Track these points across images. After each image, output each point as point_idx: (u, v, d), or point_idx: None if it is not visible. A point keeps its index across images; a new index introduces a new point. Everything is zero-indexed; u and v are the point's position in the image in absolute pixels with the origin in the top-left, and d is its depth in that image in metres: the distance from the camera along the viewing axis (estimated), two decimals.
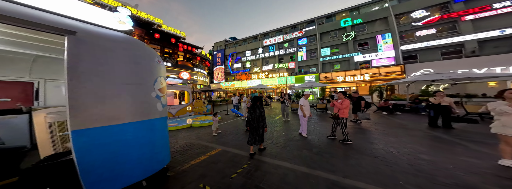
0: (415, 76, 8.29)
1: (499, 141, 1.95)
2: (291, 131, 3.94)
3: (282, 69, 20.30)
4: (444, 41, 10.53)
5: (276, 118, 5.84)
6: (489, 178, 1.63)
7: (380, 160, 2.16)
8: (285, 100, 5.24)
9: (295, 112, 7.20)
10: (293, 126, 4.53)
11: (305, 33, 19.70)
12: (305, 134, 3.36)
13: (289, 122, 4.97)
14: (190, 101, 7.20)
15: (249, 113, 2.49)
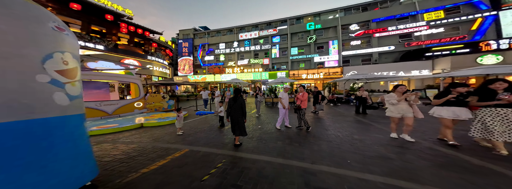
0: (347, 76, 13.83)
1: (390, 122, 3.08)
2: (265, 124, 4.37)
3: (257, 64, 23.50)
4: (363, 51, 16.52)
5: (250, 112, 6.38)
6: (388, 147, 2.61)
7: (333, 143, 2.81)
8: (257, 95, 5.63)
9: (269, 105, 8.89)
10: (267, 119, 5.02)
11: (279, 31, 23.02)
12: (288, 124, 3.95)
13: (262, 116, 5.44)
14: (141, 96, 6.47)
15: (229, 104, 2.80)
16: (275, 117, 5.42)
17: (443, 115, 2.58)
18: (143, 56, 16.01)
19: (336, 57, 18.47)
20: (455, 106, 2.52)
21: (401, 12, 16.45)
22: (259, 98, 5.74)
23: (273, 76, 19.74)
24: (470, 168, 1.89)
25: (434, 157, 2.20)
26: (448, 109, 2.56)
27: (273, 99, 9.14)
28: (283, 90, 3.94)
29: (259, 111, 5.86)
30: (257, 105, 5.85)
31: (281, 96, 3.88)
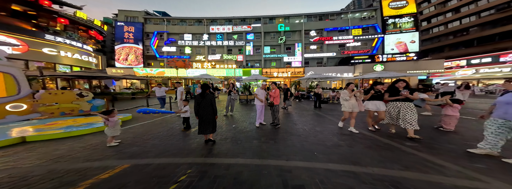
0: (307, 75, 19.65)
1: (343, 115, 3.93)
2: (240, 123, 4.53)
3: (230, 61, 24.12)
4: (318, 54, 23.99)
5: (223, 110, 6.43)
6: (338, 136, 3.43)
7: (301, 137, 3.29)
8: (231, 92, 5.64)
9: (243, 103, 9.46)
10: (242, 117, 5.25)
11: (253, 29, 23.83)
12: (262, 121, 4.27)
13: (236, 114, 5.66)
14: (22, 93, 4.73)
15: (196, 101, 2.81)
16: (250, 114, 5.76)
17: (369, 107, 3.47)
18: (34, 34, 11.81)
19: (300, 58, 23.01)
20: (377, 100, 3.38)
21: (340, 25, 22.14)
22: (233, 96, 5.66)
23: (247, 73, 23.25)
24: (382, 146, 2.79)
25: (364, 141, 3.04)
26: (373, 102, 3.41)
27: (248, 96, 9.83)
28: (260, 87, 4.18)
29: (233, 109, 5.88)
30: (231, 103, 5.75)
31: (257, 92, 4.17)
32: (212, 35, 25.87)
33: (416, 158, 2.25)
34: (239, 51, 26.80)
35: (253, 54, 26.53)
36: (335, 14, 24.49)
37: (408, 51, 20.12)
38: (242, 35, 25.89)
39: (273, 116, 4.08)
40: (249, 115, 5.74)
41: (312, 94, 10.91)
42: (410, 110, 2.88)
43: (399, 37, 20.90)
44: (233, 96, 5.70)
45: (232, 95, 5.69)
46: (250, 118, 5.23)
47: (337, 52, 23.26)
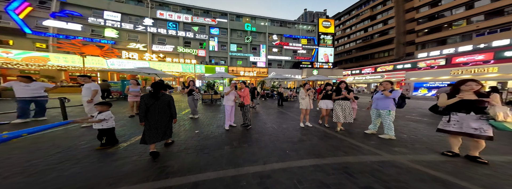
0: (270, 76, 21.05)
1: (301, 113, 4.20)
2: (205, 127, 3.98)
3: (188, 55, 20.52)
4: (278, 57, 26.52)
5: (181, 113, 5.61)
6: (300, 131, 3.69)
7: (273, 136, 3.25)
8: (194, 92, 4.91)
9: (208, 103, 8.62)
10: (207, 120, 4.71)
11: (218, 23, 21.29)
12: (232, 122, 3.97)
13: (200, 118, 4.98)
14: None
15: (145, 104, 2.16)
16: (217, 116, 5.31)
17: (321, 106, 3.87)
18: None
19: (264, 59, 24.68)
20: (327, 99, 3.83)
21: (294, 34, 26.33)
22: (196, 95, 4.93)
23: (211, 70, 20.89)
24: (328, 136, 3.30)
25: (317, 134, 3.48)
26: (324, 101, 3.83)
27: (212, 95, 8.95)
28: (229, 86, 3.81)
29: (196, 112, 5.03)
30: (193, 104, 4.92)
31: (226, 91, 3.77)
32: (160, 22, 19.69)
33: (346, 143, 2.87)
34: (200, 45, 22.27)
35: (218, 50, 23.08)
36: (291, 23, 27.48)
37: (328, 62, 28.32)
38: (204, 28, 21.95)
39: (244, 117, 3.88)
40: (216, 117, 5.15)
41: (275, 93, 12.09)
42: (348, 107, 3.50)
43: (325, 50, 28.07)
44: (196, 95, 4.97)
45: (194, 94, 4.92)
46: (217, 120, 4.66)
47: (291, 57, 26.65)
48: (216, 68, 21.15)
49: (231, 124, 3.95)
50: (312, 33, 27.56)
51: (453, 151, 2.26)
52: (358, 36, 35.14)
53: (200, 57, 21.92)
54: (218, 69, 21.11)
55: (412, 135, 3.42)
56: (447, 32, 21.00)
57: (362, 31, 34.40)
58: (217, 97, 9.13)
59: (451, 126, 2.17)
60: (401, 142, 2.93)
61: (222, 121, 4.63)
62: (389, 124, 3.02)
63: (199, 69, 20.16)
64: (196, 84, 5.29)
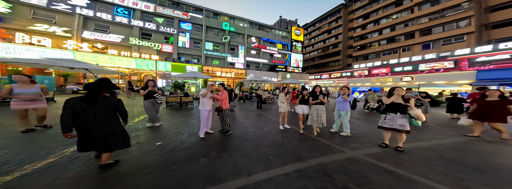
0: (249, 78, 19.56)
1: (280, 116, 4.07)
2: (171, 137, 3.09)
3: (147, 49, 16.70)
4: (256, 59, 25.19)
5: (132, 121, 4.29)
6: (281, 134, 3.49)
7: (255, 142, 2.95)
8: (157, 95, 3.85)
9: (174, 106, 7.16)
10: (173, 128, 3.72)
11: (191, 18, 18.18)
12: (208, 129, 3.41)
13: (162, 126, 3.88)
14: None
15: (74, 110, 1.59)
16: (187, 122, 4.33)
17: (298, 111, 3.66)
18: None
19: (243, 60, 23.36)
20: (304, 104, 3.61)
21: (272, 38, 26.54)
22: (159, 98, 3.88)
23: (179, 69, 17.48)
24: (305, 138, 3.23)
25: (296, 135, 3.40)
26: (300, 106, 3.64)
27: (182, 98, 7.31)
28: (207, 87, 3.21)
29: (158, 119, 3.97)
30: (153, 109, 3.83)
31: (202, 93, 3.16)
32: (102, 4, 14.66)
33: (320, 143, 2.91)
34: (166, 40, 17.83)
35: (189, 47, 19.25)
36: (269, 27, 26.68)
37: (299, 67, 29.59)
38: (173, 21, 17.89)
39: (223, 122, 3.38)
40: (185, 123, 4.20)
41: (254, 95, 11.65)
42: (323, 112, 3.34)
43: (296, 56, 29.24)
44: (159, 98, 3.87)
45: (157, 97, 3.84)
46: (188, 127, 3.78)
47: (268, 60, 25.86)
48: (187, 67, 17.50)
49: (208, 131, 3.37)
50: (286, 39, 27.77)
51: (386, 143, 2.82)
52: (319, 46, 38.78)
53: (165, 53, 17.53)
54: (189, 68, 17.58)
55: (359, 131, 3.86)
56: (368, 50, 26.98)
57: (322, 42, 38.27)
58: (188, 99, 7.47)
59: (386, 123, 2.71)
60: (354, 138, 3.28)
61: (195, 127, 3.81)
62: (346, 123, 3.41)
63: (163, 67, 16.15)
64: (159, 84, 3.85)
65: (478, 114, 3.49)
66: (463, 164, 2.18)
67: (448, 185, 1.70)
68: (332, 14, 35.44)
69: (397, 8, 22.84)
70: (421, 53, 18.05)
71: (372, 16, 27.05)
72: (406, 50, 21.90)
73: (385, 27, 24.47)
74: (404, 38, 22.16)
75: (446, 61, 13.34)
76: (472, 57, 12.25)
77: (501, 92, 3.44)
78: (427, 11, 19.43)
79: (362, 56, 28.21)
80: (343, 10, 32.81)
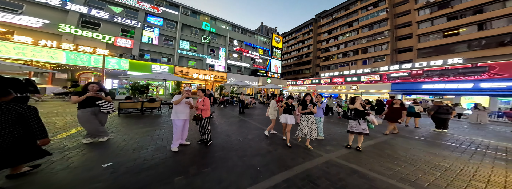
0: (230, 81, 17.49)
1: (271, 122, 3.83)
2: (128, 153, 2.30)
3: (91, 41, 12.76)
4: (238, 63, 22.97)
5: (56, 136, 2.93)
6: (265, 141, 3.29)
7: (240, 151, 2.63)
8: (103, 103, 2.74)
9: (132, 113, 5.50)
10: (130, 143, 2.76)
11: (164, 14, 14.91)
12: (184, 141, 2.79)
13: (112, 140, 2.83)
14: None
15: None
16: (151, 134, 3.34)
17: (281, 120, 3.18)
18: None
19: (224, 63, 21.15)
20: (288, 114, 3.15)
21: (254, 43, 25.66)
22: (106, 106, 2.77)
23: (142, 68, 13.62)
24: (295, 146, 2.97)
25: (280, 141, 3.26)
26: (284, 115, 3.16)
27: (144, 103, 5.71)
28: (184, 93, 2.61)
29: (103, 132, 2.84)
30: (95, 120, 2.69)
31: (176, 100, 2.55)
32: None
33: (301, 148, 2.86)
34: (124, 33, 13.62)
35: (158, 44, 15.36)
36: (251, 32, 25.13)
37: (278, 72, 29.38)
38: (137, 13, 14.04)
39: (202, 132, 2.85)
40: (150, 135, 3.23)
41: (235, 100, 10.90)
42: (313, 122, 2.98)
43: (276, 62, 28.85)
44: (107, 107, 2.70)
45: (104, 106, 2.67)
46: (153, 140, 2.92)
47: (250, 64, 24.08)
48: (154, 66, 13.69)
49: (183, 143, 2.77)
50: (267, 45, 26.80)
51: (349, 144, 3.10)
52: (295, 54, 40.14)
53: (120, 48, 13.14)
54: (156, 68, 13.77)
55: (329, 134, 3.98)
56: (330, 61, 29.42)
57: (297, 51, 39.69)
58: (154, 105, 6.02)
59: (354, 128, 2.98)
60: (327, 141, 3.42)
61: (165, 139, 3.05)
62: (321, 128, 3.56)
63: (116, 65, 11.93)
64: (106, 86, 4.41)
65: (389, 116, 4.44)
66: (394, 158, 2.68)
67: (392, 178, 2.00)
68: (306, 27, 37.32)
69: (349, 28, 26.23)
70: (362, 67, 21.76)
71: (334, 32, 29.65)
72: (353, 64, 25.13)
73: (341, 43, 27.47)
74: (353, 54, 25.48)
75: (376, 74, 16.65)
76: (388, 73, 15.72)
77: (401, 101, 4.51)
78: (366, 34, 23.36)
79: (326, 66, 30.25)
80: (314, 24, 34.92)
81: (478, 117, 7.34)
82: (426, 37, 18.12)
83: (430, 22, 18.00)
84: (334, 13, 31.02)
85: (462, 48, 15.50)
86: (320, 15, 34.29)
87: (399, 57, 20.34)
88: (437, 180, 2.00)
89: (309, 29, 37.32)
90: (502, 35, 13.54)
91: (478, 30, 14.71)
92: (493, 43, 13.89)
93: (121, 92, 10.59)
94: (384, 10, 22.21)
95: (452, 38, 16.02)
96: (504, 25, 13.53)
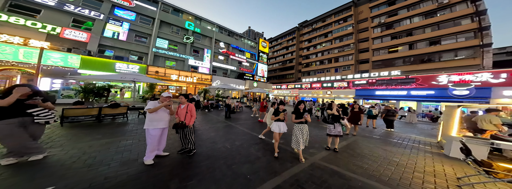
0: (215, 84, 15.87)
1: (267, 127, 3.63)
2: (77, 174, 1.75)
3: (24, 29, 10.21)
4: (224, 66, 21.35)
5: None
6: (254, 146, 3.03)
7: (228, 159, 2.38)
8: (38, 111, 1.99)
9: (80, 122, 4.19)
10: (79, 160, 2.10)
11: (138, 8, 12.78)
12: (161, 152, 2.35)
13: (49, 158, 2.08)
14: None
15: None
16: (117, 145, 2.75)
17: (273, 129, 2.77)
18: None
19: (208, 65, 19.48)
20: (280, 121, 2.78)
21: (241, 46, 24.82)
22: (44, 115, 1.98)
23: (102, 66, 10.91)
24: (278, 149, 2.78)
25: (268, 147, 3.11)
26: (276, 123, 2.77)
27: (102, 109, 4.48)
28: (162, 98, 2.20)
29: (37, 149, 2.02)
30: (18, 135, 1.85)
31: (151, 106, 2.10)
32: None
33: (288, 152, 2.84)
34: (77, 24, 10.73)
35: (126, 40, 12.66)
36: (239, 35, 23.82)
37: (264, 76, 28.98)
38: (101, 4, 11.45)
39: (185, 140, 2.47)
40: (112, 147, 2.59)
41: (221, 103, 10.22)
42: (307, 131, 2.71)
43: (262, 66, 28.39)
44: (43, 115, 1.90)
45: (38, 114, 1.85)
46: (117, 154, 2.34)
47: (237, 67, 22.70)
48: (119, 65, 11.07)
49: (160, 154, 2.35)
50: (254, 49, 25.85)
51: (329, 146, 3.28)
52: (280, 60, 40.59)
53: (69, 41, 10.15)
54: (121, 67, 11.08)
55: (310, 137, 3.65)
56: (309, 68, 30.32)
57: (282, 56, 40.16)
58: (118, 111, 4.82)
59: (332, 131, 3.19)
60: (310, 144, 3.38)
61: (133, 152, 2.48)
62: None
63: (61, 61, 8.86)
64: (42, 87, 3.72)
65: (351, 119, 4.84)
66: (362, 156, 2.95)
67: (363, 176, 2.18)
68: (290, 34, 38.16)
69: (325, 38, 27.78)
70: (334, 75, 24.05)
71: (313, 41, 30.96)
72: (328, 71, 26.67)
73: (319, 51, 28.80)
74: (327, 62, 27.04)
75: (344, 81, 18.40)
76: (353, 81, 17.51)
77: (359, 106, 5.10)
78: (338, 45, 25.25)
79: (307, 72, 31.22)
80: (297, 32, 35.96)
81: (410, 118, 8.94)
82: (378, 52, 20.92)
83: (380, 39, 20.94)
84: (313, 23, 32.47)
85: (399, 63, 18.63)
86: (303, 24, 36.00)
87: (360, 67, 22.72)
88: (394, 174, 2.32)
89: (292, 37, 38.74)
90: (423, 54, 16.94)
91: (409, 49, 18.08)
92: (417, 60, 17.26)
93: (67, 96, 7.86)
94: (351, 25, 24.83)
95: (393, 54, 19.12)
96: (425, 46, 16.92)
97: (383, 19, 20.67)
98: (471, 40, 14.35)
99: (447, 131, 3.50)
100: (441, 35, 16.00)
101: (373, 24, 21.69)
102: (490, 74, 10.15)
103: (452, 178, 2.31)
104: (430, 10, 16.89)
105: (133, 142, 3.01)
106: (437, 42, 16.35)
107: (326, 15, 30.95)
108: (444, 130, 3.80)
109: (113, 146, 2.74)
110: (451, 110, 3.65)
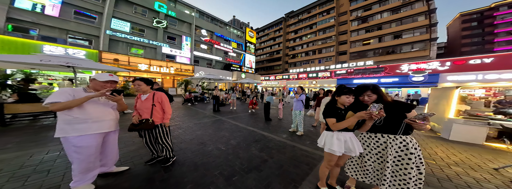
0: (198, 75, 13.18)
1: None
2: None
3: None
4: (208, 56, 18.36)
5: None
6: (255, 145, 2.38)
7: (225, 167, 1.66)
8: None
9: None
10: None
11: None
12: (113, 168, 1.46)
13: None
14: None
15: None
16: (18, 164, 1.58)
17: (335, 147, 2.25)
18: None
19: (189, 54, 16.32)
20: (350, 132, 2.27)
21: (226, 35, 21.35)
22: None
23: (11, 48, 7.46)
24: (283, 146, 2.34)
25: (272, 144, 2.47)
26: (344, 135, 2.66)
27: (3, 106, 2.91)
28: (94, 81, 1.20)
29: None
30: None
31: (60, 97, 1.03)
32: None
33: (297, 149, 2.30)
34: None
35: (59, 17, 8.68)
36: (224, 23, 20.10)
37: (252, 67, 26.29)
38: None
39: (157, 146, 1.60)
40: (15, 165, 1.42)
41: (207, 96, 8.97)
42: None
43: (249, 57, 25.28)
44: None
45: None
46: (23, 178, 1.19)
47: (223, 58, 19.83)
48: (47, 47, 7.67)
49: (109, 171, 1.38)
50: (241, 39, 22.54)
51: None
52: (267, 51, 37.47)
53: None
54: (50, 49, 7.78)
55: (306, 129, 3.43)
56: (296, 59, 28.71)
57: (269, 47, 36.90)
58: (36, 109, 3.13)
59: None
60: (307, 136, 2.96)
61: (59, 171, 1.48)
62: (300, 122, 3.12)
63: None
64: None
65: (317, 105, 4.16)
66: None
67: None
68: (276, 24, 34.50)
69: (310, 30, 26.17)
70: (318, 65, 23.65)
71: (299, 32, 28.85)
72: (313, 62, 25.91)
73: (304, 43, 27.31)
74: (312, 53, 26.04)
75: (327, 72, 18.21)
76: (334, 70, 17.38)
77: (325, 91, 3.81)
78: (321, 36, 24.41)
79: (293, 63, 29.75)
80: (284, 23, 32.54)
81: None
82: (355, 44, 21.14)
83: (357, 32, 20.88)
84: (299, 14, 29.62)
85: (371, 54, 19.39)
86: (289, 15, 32.49)
87: (340, 59, 22.72)
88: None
89: (279, 27, 35.22)
90: (388, 47, 18.12)
91: (379, 41, 18.94)
92: (385, 52, 18.45)
93: None
94: (333, 18, 23.80)
95: (367, 47, 19.74)
96: (390, 40, 18.01)
97: (360, 13, 20.69)
98: (424, 35, 15.78)
99: (442, 114, 3.14)
100: (403, 30, 17.24)
101: (351, 17, 21.59)
102: (439, 63, 11.26)
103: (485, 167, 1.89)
104: (396, 6, 17.82)
105: (59, 154, 1.87)
106: (399, 36, 17.67)
107: (311, 6, 28.09)
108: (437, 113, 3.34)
109: (18, 163, 1.62)
110: (445, 91, 3.28)
